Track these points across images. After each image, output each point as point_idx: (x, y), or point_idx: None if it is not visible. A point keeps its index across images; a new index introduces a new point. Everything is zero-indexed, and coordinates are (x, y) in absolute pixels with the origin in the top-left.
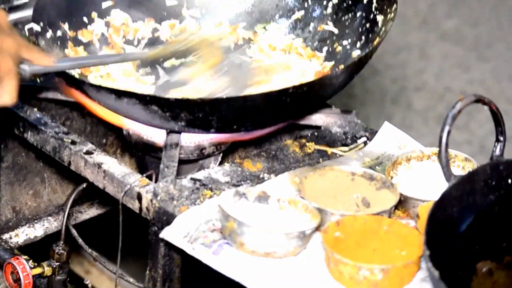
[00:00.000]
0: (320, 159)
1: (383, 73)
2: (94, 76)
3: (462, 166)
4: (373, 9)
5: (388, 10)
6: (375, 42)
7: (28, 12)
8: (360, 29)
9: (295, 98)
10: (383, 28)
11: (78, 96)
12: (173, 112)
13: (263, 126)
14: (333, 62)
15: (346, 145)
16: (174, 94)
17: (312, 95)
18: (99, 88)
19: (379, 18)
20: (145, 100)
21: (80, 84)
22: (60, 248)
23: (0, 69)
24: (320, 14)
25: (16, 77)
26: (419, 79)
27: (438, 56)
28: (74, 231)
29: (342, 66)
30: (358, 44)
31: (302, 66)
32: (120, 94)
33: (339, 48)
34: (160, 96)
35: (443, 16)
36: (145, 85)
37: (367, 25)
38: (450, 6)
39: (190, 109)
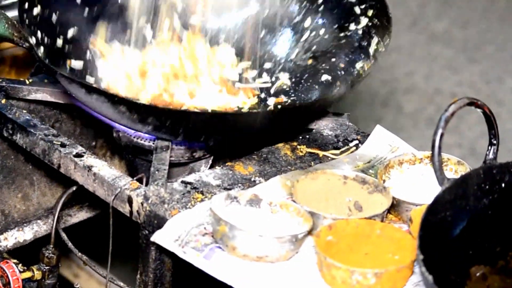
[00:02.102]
0: (312, 163)
1: (373, 75)
2: None
3: (454, 169)
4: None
5: (382, 41)
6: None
7: (16, 12)
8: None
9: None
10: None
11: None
12: (141, 115)
13: (233, 141)
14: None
15: (337, 148)
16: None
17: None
18: (70, 80)
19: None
20: (113, 101)
21: (52, 72)
22: (50, 251)
23: None
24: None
25: None
26: (409, 81)
27: (427, 58)
28: (63, 235)
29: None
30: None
31: None
32: (90, 89)
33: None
34: (128, 98)
35: (433, 17)
36: None
37: (356, 45)
38: (440, 7)
39: (158, 116)
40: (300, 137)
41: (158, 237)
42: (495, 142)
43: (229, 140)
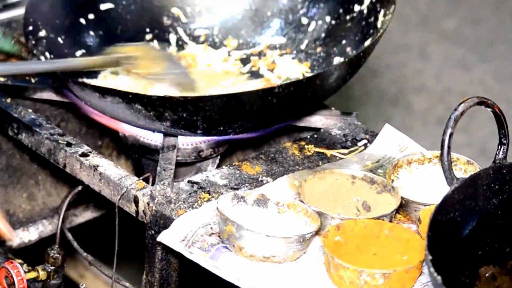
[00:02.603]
0: (320, 162)
1: (382, 74)
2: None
3: (464, 169)
4: (372, 8)
5: (387, 11)
6: (369, 42)
7: (22, 11)
8: (357, 28)
9: (282, 98)
10: (380, 28)
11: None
12: (157, 111)
13: (254, 129)
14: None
15: (346, 147)
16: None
17: (302, 95)
18: (82, 85)
19: (379, 16)
20: (128, 99)
21: (65, 82)
22: (55, 252)
23: None
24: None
25: None
26: (419, 79)
27: (438, 56)
28: (69, 235)
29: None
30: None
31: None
32: (103, 92)
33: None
34: (142, 93)
35: (443, 15)
36: None
37: (363, 23)
38: (450, 5)
39: (174, 108)
40: (308, 137)
41: (164, 237)
42: (505, 141)
43: (249, 126)
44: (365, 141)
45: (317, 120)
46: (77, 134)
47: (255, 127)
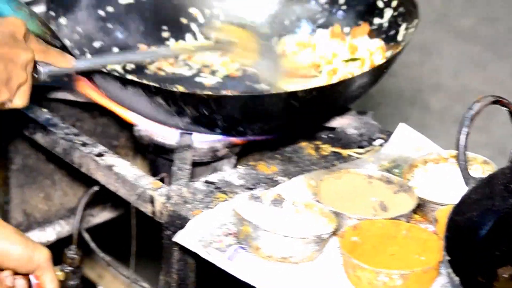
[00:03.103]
0: (336, 162)
1: (399, 73)
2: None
3: (481, 169)
4: (393, 22)
5: (409, 25)
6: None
7: (41, 8)
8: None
9: (304, 103)
10: (402, 41)
11: (90, 92)
12: (178, 106)
13: (272, 131)
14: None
15: (362, 147)
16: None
17: (323, 102)
18: (105, 75)
19: (400, 30)
20: (150, 91)
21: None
22: (73, 252)
23: (13, 82)
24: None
25: (29, 82)
26: (436, 78)
27: (454, 55)
28: (86, 235)
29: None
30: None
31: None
32: (125, 82)
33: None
34: (165, 87)
35: (459, 13)
36: None
37: (384, 36)
38: (466, 3)
39: (195, 104)
40: (324, 136)
41: (180, 238)
42: None
43: (268, 128)
44: (381, 141)
45: (333, 120)
46: (92, 134)
47: (275, 129)
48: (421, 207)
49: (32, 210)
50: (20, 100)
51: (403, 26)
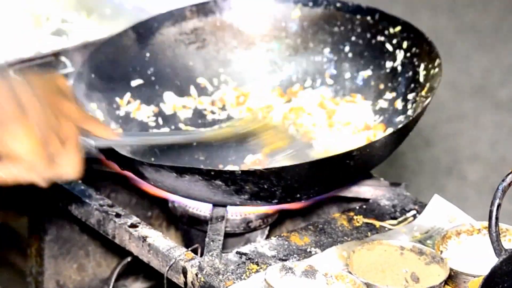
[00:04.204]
0: (369, 233)
1: (436, 143)
2: None
3: None
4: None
5: (430, 66)
6: (419, 110)
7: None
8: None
9: (358, 160)
10: (423, 81)
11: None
12: (237, 185)
13: (324, 192)
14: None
15: (395, 218)
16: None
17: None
18: (158, 167)
19: (419, 70)
20: (209, 176)
21: (134, 165)
22: None
23: (63, 133)
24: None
25: (79, 148)
26: (473, 149)
27: (492, 125)
28: None
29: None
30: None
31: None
32: (182, 171)
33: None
34: (225, 170)
35: (497, 84)
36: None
37: (400, 79)
38: (505, 73)
39: (255, 181)
40: (357, 207)
41: None
42: None
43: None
44: (414, 212)
45: (366, 191)
46: (127, 205)
47: (324, 191)
48: (453, 278)
49: (66, 281)
50: (71, 169)
51: (422, 66)
